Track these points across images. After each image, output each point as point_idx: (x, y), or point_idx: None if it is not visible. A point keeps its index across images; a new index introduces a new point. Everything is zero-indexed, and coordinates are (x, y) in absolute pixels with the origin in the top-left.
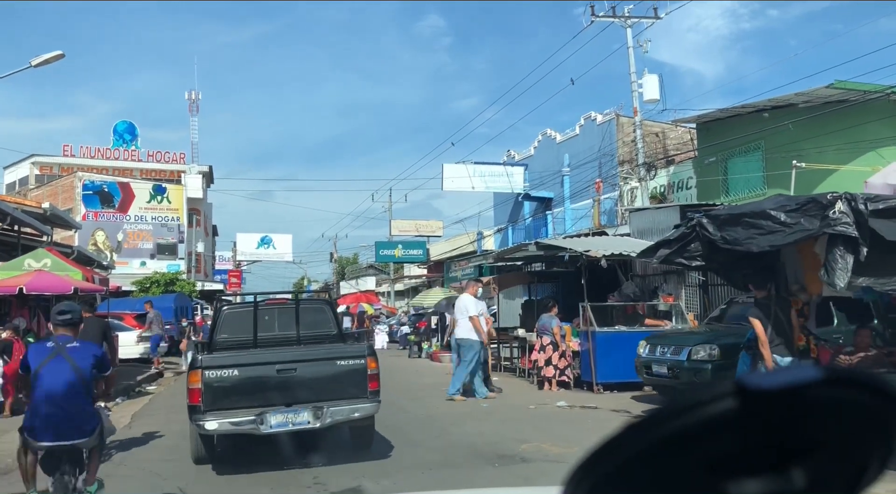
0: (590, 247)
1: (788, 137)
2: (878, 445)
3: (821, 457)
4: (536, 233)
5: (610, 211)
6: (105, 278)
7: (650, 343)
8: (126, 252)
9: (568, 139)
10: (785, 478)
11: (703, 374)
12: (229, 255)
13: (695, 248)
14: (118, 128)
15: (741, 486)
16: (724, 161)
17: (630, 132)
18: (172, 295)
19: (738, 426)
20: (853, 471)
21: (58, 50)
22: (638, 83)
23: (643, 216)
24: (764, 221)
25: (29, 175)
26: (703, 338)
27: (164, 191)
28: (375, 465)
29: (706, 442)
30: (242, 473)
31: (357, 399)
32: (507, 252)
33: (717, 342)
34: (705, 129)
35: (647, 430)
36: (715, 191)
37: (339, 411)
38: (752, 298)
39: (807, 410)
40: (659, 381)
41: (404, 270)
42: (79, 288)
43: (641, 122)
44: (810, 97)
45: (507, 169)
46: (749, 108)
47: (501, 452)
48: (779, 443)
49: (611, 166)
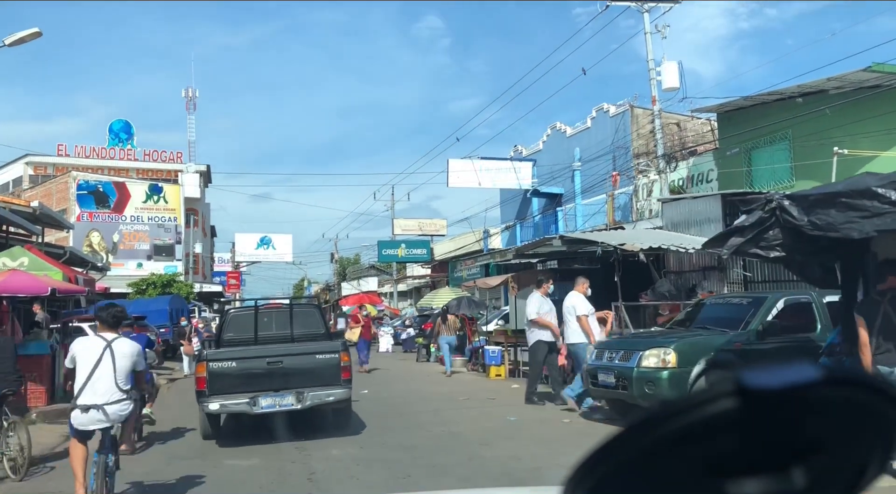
0: (624, 240)
1: (818, 126)
2: (878, 445)
3: (821, 457)
4: (546, 230)
5: (624, 206)
6: (91, 278)
7: (598, 348)
8: (122, 253)
9: (579, 132)
10: (785, 478)
11: (656, 385)
12: (228, 256)
13: (773, 236)
14: (114, 127)
15: (741, 486)
16: (747, 152)
17: (645, 124)
18: (167, 297)
19: (738, 425)
20: (853, 471)
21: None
22: (656, 71)
23: (679, 207)
24: (868, 201)
25: (22, 175)
26: (659, 342)
27: (161, 191)
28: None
29: (706, 442)
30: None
31: (332, 386)
32: (528, 247)
33: (673, 345)
34: (727, 118)
35: (647, 430)
36: (738, 183)
37: (317, 395)
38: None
39: (807, 410)
40: (606, 392)
41: (407, 270)
42: (57, 289)
43: (660, 111)
44: (843, 82)
45: (514, 164)
46: (776, 95)
47: (546, 479)
48: (779, 443)
49: (625, 160)
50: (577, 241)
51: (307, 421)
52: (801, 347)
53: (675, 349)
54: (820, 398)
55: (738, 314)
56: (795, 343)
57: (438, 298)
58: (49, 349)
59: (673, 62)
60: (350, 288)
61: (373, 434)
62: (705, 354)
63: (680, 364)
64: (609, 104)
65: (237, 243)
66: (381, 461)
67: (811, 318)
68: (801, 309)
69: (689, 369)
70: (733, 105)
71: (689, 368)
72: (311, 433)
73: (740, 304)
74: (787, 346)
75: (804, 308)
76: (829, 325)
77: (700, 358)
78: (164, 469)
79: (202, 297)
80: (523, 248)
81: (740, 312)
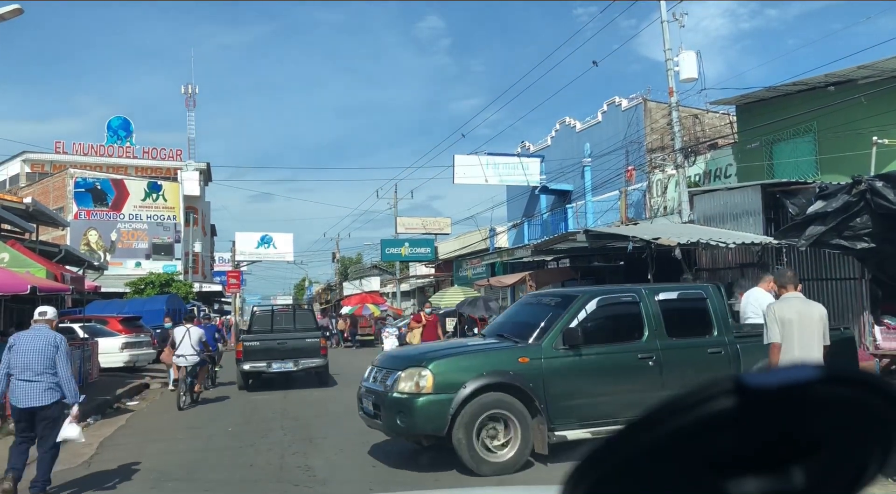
0: (658, 234)
1: (848, 116)
2: (878, 445)
3: (820, 457)
4: (555, 228)
5: (637, 203)
6: (79, 277)
7: (373, 363)
8: (120, 252)
9: (589, 127)
10: (784, 478)
11: (408, 415)
12: (228, 256)
13: (861, 223)
14: (112, 124)
15: (741, 485)
16: (768, 145)
17: (658, 118)
18: (164, 297)
19: (737, 425)
20: (852, 471)
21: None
22: (674, 61)
23: (712, 200)
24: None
25: (20, 173)
26: (418, 358)
27: (160, 188)
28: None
29: (705, 441)
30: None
31: (315, 358)
32: (548, 243)
33: (432, 364)
34: (747, 111)
35: (646, 429)
36: (758, 178)
37: (306, 363)
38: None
39: (806, 409)
40: (370, 421)
41: (409, 269)
42: (38, 287)
43: (678, 103)
44: (874, 71)
45: (522, 161)
46: (801, 85)
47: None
48: (778, 442)
49: (638, 155)
50: (604, 236)
51: (298, 379)
52: (616, 361)
53: (433, 370)
54: (819, 397)
55: (539, 319)
56: (609, 355)
57: (447, 298)
58: None
59: (691, 52)
60: (352, 288)
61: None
62: (474, 374)
63: (437, 389)
64: (621, 98)
65: (237, 241)
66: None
67: (636, 323)
68: (624, 312)
69: (449, 395)
70: (754, 96)
71: (451, 394)
72: (300, 385)
73: (548, 304)
74: (598, 360)
75: (628, 310)
76: (663, 331)
77: (466, 380)
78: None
79: (202, 297)
80: (543, 244)
81: (544, 315)
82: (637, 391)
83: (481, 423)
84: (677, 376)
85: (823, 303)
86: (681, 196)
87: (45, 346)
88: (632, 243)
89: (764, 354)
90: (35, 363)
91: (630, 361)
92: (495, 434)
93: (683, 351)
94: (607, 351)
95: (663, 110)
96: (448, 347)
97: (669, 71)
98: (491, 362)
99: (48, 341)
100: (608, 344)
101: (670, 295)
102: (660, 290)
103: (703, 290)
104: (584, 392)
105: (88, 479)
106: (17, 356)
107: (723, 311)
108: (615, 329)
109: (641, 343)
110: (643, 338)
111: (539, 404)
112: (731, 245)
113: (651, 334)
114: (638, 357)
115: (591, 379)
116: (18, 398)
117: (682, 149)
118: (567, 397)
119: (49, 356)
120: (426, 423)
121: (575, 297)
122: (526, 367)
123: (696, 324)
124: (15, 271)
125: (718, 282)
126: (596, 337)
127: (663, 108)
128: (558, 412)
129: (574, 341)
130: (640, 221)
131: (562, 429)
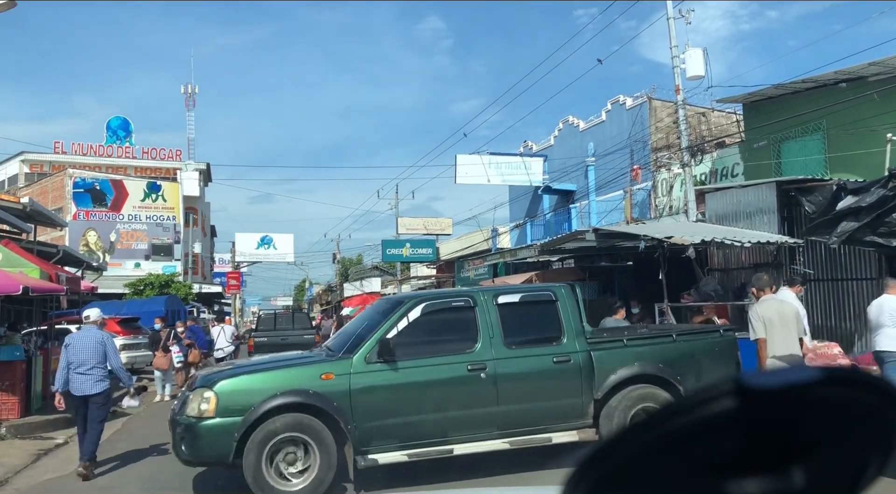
0: (671, 233)
1: (859, 113)
2: (878, 445)
3: (820, 457)
4: (558, 228)
5: (642, 203)
6: (75, 277)
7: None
8: (119, 253)
9: (593, 126)
10: (785, 478)
11: (193, 441)
12: (228, 257)
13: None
14: (111, 124)
15: (741, 486)
16: (776, 144)
17: (664, 117)
18: (163, 298)
19: (737, 425)
20: (853, 471)
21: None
22: (680, 58)
23: (725, 198)
24: None
25: (18, 174)
26: (212, 377)
27: (160, 189)
28: None
29: (706, 442)
30: None
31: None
32: (555, 243)
33: (217, 385)
34: (754, 109)
35: (647, 430)
36: (765, 177)
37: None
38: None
39: (806, 409)
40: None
41: (410, 270)
42: (30, 288)
43: (684, 101)
44: (884, 68)
45: (524, 160)
46: (810, 82)
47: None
48: (778, 443)
49: (642, 154)
50: (614, 235)
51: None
52: (441, 375)
53: (217, 391)
54: (820, 398)
55: (362, 329)
56: (433, 368)
57: None
58: (23, 355)
59: (698, 49)
60: (353, 289)
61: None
62: (266, 395)
63: (222, 412)
64: (626, 96)
65: (237, 242)
66: None
67: (470, 331)
68: (456, 318)
69: (235, 419)
70: (762, 94)
71: (237, 417)
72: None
73: (378, 311)
74: (419, 374)
75: (460, 317)
76: (500, 339)
77: (256, 402)
78: None
79: (201, 298)
80: (550, 243)
81: (369, 324)
82: (468, 408)
83: (276, 448)
84: (514, 389)
85: (839, 304)
86: (687, 195)
87: (95, 344)
88: (644, 243)
89: (622, 362)
90: (88, 359)
91: (458, 374)
92: (294, 460)
93: (523, 361)
94: (431, 364)
95: (669, 109)
96: (251, 364)
97: (676, 68)
98: (288, 380)
99: (97, 339)
100: (434, 356)
101: (512, 298)
102: (501, 292)
103: (554, 291)
104: (403, 411)
105: (82, 487)
106: (73, 354)
107: (575, 315)
108: (445, 339)
109: (473, 354)
110: (476, 348)
111: (346, 425)
112: (746, 244)
113: (486, 342)
114: (468, 370)
115: (410, 396)
116: (75, 387)
117: (689, 147)
118: (380, 416)
119: (99, 353)
120: (208, 450)
121: (400, 303)
122: (330, 384)
123: (543, 330)
124: (7, 272)
125: (718, 282)
126: (421, 348)
127: (668, 106)
128: (371, 433)
129: (388, 354)
130: (645, 221)
131: (376, 452)
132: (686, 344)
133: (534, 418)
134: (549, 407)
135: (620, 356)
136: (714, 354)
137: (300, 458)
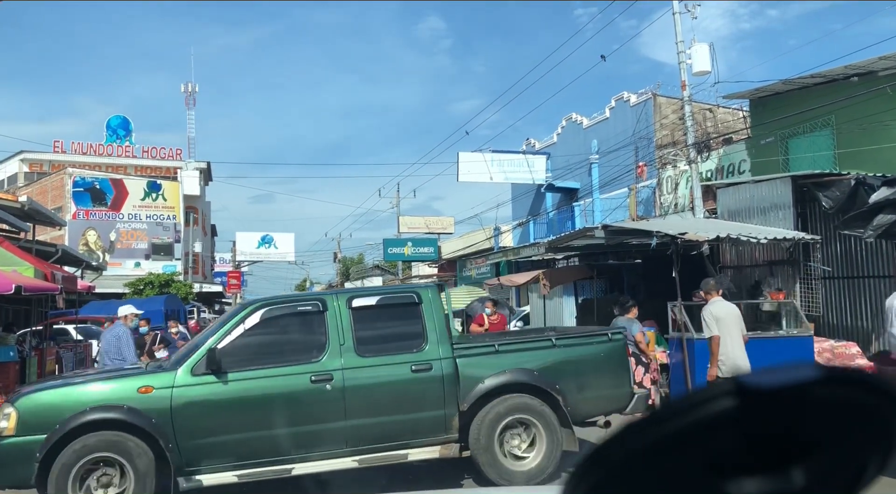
0: (685, 229)
1: (868, 109)
2: (877, 445)
3: (820, 457)
4: (561, 226)
5: (647, 200)
6: (72, 277)
7: None
8: (119, 253)
9: (596, 123)
10: (784, 478)
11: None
12: (229, 257)
13: None
14: (111, 123)
15: (741, 486)
16: (783, 140)
17: (668, 113)
18: (162, 297)
19: (737, 425)
20: (852, 471)
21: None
22: (686, 54)
23: (737, 193)
24: None
25: (18, 173)
26: (37, 388)
27: (160, 188)
28: None
29: (705, 442)
30: None
31: None
32: (563, 240)
33: (19, 400)
34: (761, 105)
35: (646, 430)
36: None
37: None
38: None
39: (806, 409)
40: None
41: (412, 269)
42: (23, 287)
43: (690, 97)
44: (895, 62)
45: (527, 158)
46: (819, 77)
47: None
48: (778, 443)
49: (647, 151)
50: (625, 231)
51: None
52: (280, 387)
53: (19, 407)
54: (819, 398)
55: (204, 337)
56: (270, 380)
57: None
58: (16, 356)
59: (704, 44)
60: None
61: None
62: (74, 411)
63: (22, 431)
64: (630, 93)
65: (238, 241)
66: None
67: (318, 338)
68: (302, 324)
69: (38, 437)
70: (769, 90)
71: (40, 435)
72: None
73: (223, 317)
74: (253, 386)
75: (307, 322)
76: (351, 346)
77: (62, 418)
78: None
79: (202, 297)
80: (558, 240)
81: (211, 331)
82: (310, 423)
83: (87, 470)
84: (366, 401)
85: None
86: (693, 192)
87: (113, 338)
88: (655, 239)
89: (492, 371)
90: (109, 350)
91: (300, 386)
92: (108, 482)
93: (376, 370)
94: (268, 375)
95: (673, 106)
96: (68, 377)
97: (682, 64)
98: (101, 394)
99: (115, 334)
100: (273, 366)
101: (369, 301)
102: (357, 295)
103: (418, 293)
104: (233, 427)
105: None
106: (102, 345)
107: (440, 319)
108: (288, 347)
109: (318, 363)
110: (322, 356)
111: (165, 443)
112: (763, 241)
113: (335, 350)
114: (311, 381)
115: (242, 411)
116: None
117: (695, 144)
118: (207, 433)
119: (115, 345)
120: (6, 472)
121: (242, 308)
122: (148, 399)
123: (403, 336)
124: (1, 271)
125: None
126: (258, 358)
127: (673, 103)
128: (197, 452)
129: (216, 365)
130: (650, 218)
131: (204, 473)
132: (567, 350)
133: (388, 433)
134: (406, 421)
135: (490, 363)
136: (600, 360)
137: (114, 481)
